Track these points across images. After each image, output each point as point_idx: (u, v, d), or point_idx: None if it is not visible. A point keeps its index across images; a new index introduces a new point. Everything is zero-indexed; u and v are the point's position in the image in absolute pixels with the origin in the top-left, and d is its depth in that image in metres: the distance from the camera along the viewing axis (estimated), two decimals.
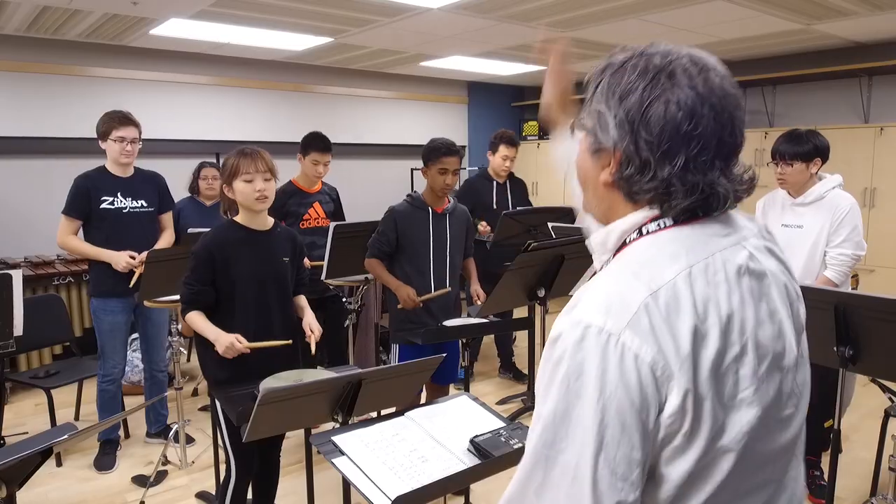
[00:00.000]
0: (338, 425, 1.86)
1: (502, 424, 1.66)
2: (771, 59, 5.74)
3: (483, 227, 4.10)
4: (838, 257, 2.84)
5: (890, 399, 2.96)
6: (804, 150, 2.84)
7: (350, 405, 1.77)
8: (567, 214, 3.98)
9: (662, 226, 0.87)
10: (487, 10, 4.12)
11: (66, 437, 1.34)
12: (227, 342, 2.23)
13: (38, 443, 1.31)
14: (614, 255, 0.92)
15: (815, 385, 1.02)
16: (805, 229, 2.90)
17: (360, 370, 1.74)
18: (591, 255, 1.00)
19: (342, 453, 1.46)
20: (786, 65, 5.63)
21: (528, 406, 4.04)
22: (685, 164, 0.82)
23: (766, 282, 0.88)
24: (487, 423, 1.69)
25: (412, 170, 6.90)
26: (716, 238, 0.87)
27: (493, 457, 1.48)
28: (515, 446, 1.53)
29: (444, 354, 2.03)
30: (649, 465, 0.80)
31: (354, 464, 1.42)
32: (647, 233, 0.88)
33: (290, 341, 2.39)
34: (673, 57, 0.85)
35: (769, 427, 0.85)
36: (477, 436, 1.55)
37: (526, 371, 4.40)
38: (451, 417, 1.70)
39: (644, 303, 0.78)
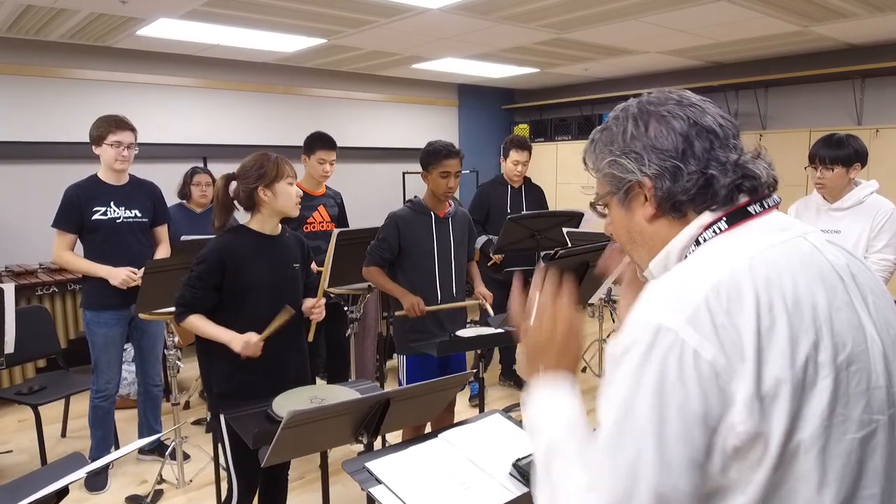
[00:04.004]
0: (361, 446, 1.76)
1: None
2: (764, 62, 5.75)
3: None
4: (880, 262, 2.79)
5: None
6: (844, 154, 2.79)
7: (377, 425, 1.67)
8: (572, 219, 3.91)
9: (719, 230, 0.88)
10: (486, 11, 4.04)
11: (82, 474, 1.22)
12: (244, 338, 2.16)
13: (47, 479, 1.19)
14: None
15: None
16: (843, 234, 2.84)
17: (390, 389, 1.63)
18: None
19: (379, 481, 1.36)
20: (778, 67, 5.63)
21: None
22: (707, 152, 0.89)
23: (834, 271, 0.85)
24: (524, 442, 1.60)
25: (404, 173, 6.81)
26: (775, 232, 0.87)
27: None
28: None
29: (474, 370, 1.95)
30: (725, 472, 0.77)
31: (394, 494, 1.32)
32: (705, 241, 0.89)
33: (293, 312, 2.28)
34: (640, 98, 0.96)
35: (863, 425, 0.79)
36: (520, 459, 1.46)
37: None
38: (487, 438, 1.60)
39: (704, 297, 0.78)
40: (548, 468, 0.88)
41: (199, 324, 2.23)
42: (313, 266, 3.37)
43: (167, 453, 3.26)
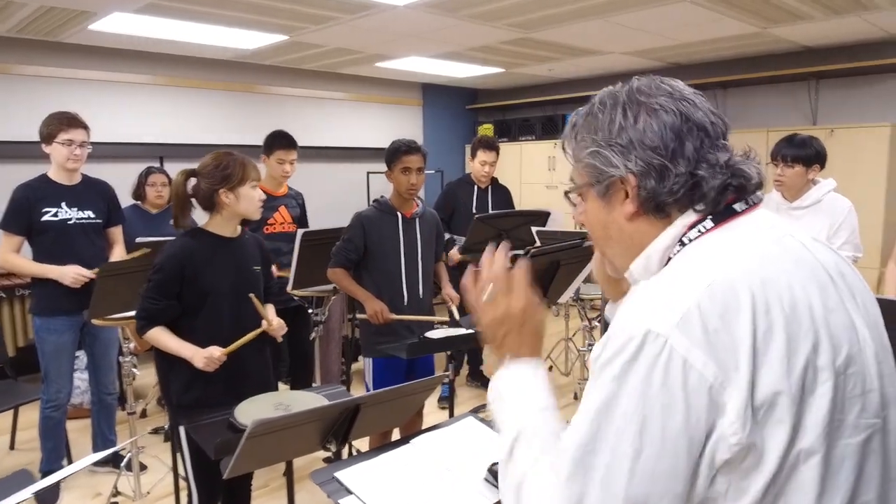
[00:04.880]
0: (327, 453, 1.70)
1: None
2: (722, 63, 5.84)
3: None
4: None
5: None
6: (806, 154, 2.86)
7: (345, 432, 1.61)
8: (538, 218, 3.90)
9: (703, 230, 0.84)
10: (453, 9, 4.00)
11: (27, 495, 1.13)
12: (207, 354, 2.07)
13: None
14: None
15: None
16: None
17: (359, 395, 1.57)
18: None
19: (349, 492, 1.30)
20: (737, 68, 5.73)
21: None
22: (697, 152, 0.83)
23: (825, 270, 0.82)
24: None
25: (368, 173, 6.72)
26: (764, 230, 0.84)
27: None
28: None
29: (446, 374, 1.90)
30: (712, 484, 0.73)
31: None
32: (690, 241, 0.84)
33: (262, 329, 2.22)
34: (629, 84, 0.89)
35: (859, 429, 0.76)
36: (495, 464, 1.41)
37: None
38: (460, 443, 1.56)
39: (696, 301, 0.74)
40: (513, 460, 0.84)
41: (161, 337, 2.14)
42: (275, 269, 3.29)
43: (122, 465, 3.12)
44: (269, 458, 1.58)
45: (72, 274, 2.92)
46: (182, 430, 2.13)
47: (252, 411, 1.92)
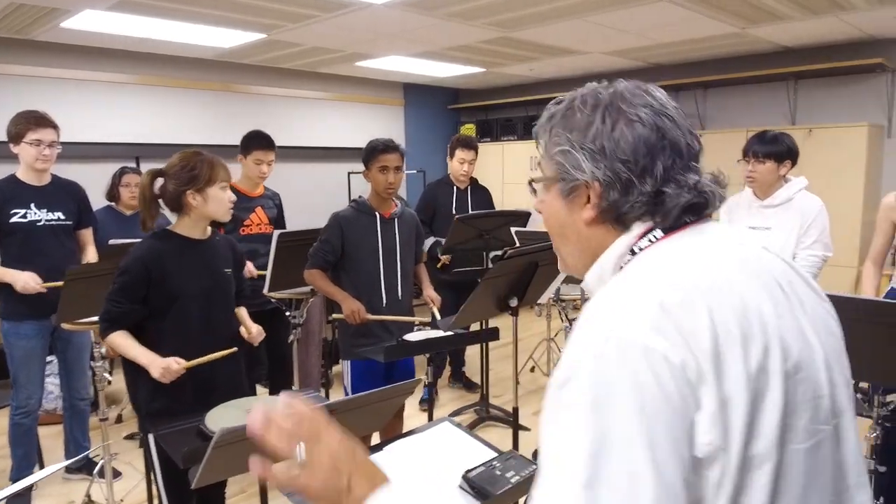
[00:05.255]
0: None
1: (492, 455, 1.50)
2: (703, 63, 5.86)
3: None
4: (810, 258, 2.85)
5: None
6: (777, 150, 2.85)
7: None
8: (519, 218, 3.88)
9: (654, 239, 0.84)
10: (431, 8, 3.97)
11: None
12: (164, 364, 2.00)
13: None
14: None
15: None
16: (773, 231, 2.90)
17: (328, 400, 1.53)
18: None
19: None
20: (717, 68, 5.76)
21: (482, 416, 3.95)
22: (666, 172, 0.83)
23: (773, 278, 0.82)
24: (475, 453, 1.52)
25: (349, 173, 6.67)
26: (713, 239, 0.85)
27: (492, 495, 1.32)
28: (513, 480, 1.37)
29: (421, 379, 1.87)
30: (694, 488, 0.69)
31: None
32: (641, 250, 0.85)
33: (235, 349, 2.18)
34: (614, 87, 0.88)
35: (809, 435, 0.74)
36: (469, 470, 1.38)
37: (477, 380, 4.28)
38: (435, 449, 1.52)
39: (659, 304, 0.72)
40: None
41: (121, 342, 2.08)
42: (252, 270, 3.24)
43: (95, 471, 3.05)
44: (238, 467, 1.54)
45: (21, 282, 2.82)
46: (151, 437, 2.07)
47: (223, 418, 1.87)
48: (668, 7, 3.96)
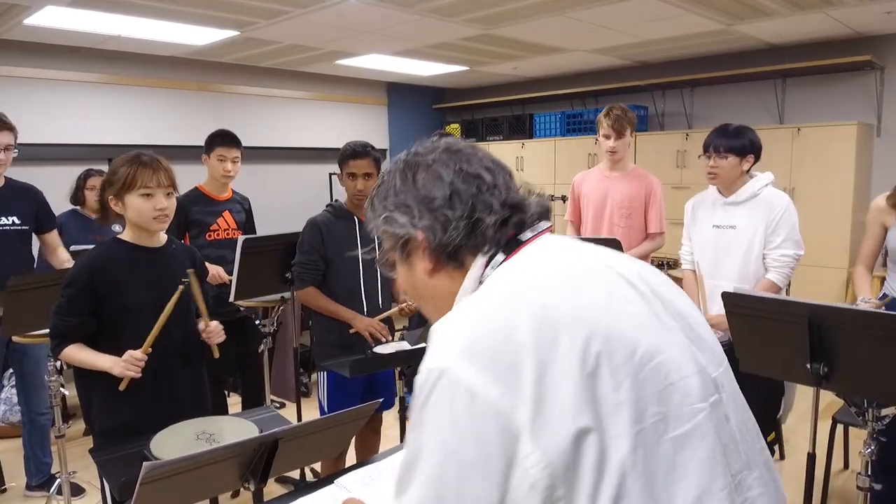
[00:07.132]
0: (250, 491, 1.52)
1: None
2: (690, 62, 5.76)
3: None
4: (781, 259, 2.71)
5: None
6: (739, 144, 2.69)
7: (265, 468, 1.44)
8: None
9: (497, 264, 0.88)
10: (408, 4, 3.84)
11: None
12: (126, 357, 1.90)
13: None
14: None
15: (750, 398, 0.95)
16: (739, 230, 2.75)
17: (277, 428, 1.40)
18: None
19: None
20: (703, 67, 5.66)
21: None
22: (474, 197, 0.89)
23: (622, 277, 0.85)
24: None
25: (331, 174, 6.52)
26: (553, 252, 0.88)
27: None
28: None
29: (381, 400, 1.74)
30: None
31: None
32: (486, 278, 0.89)
33: (183, 287, 2.01)
34: (408, 150, 0.96)
35: (678, 420, 0.75)
36: None
37: None
38: (391, 480, 1.39)
39: (473, 325, 0.76)
40: None
41: (76, 354, 1.96)
42: (222, 275, 3.09)
43: (52, 490, 2.91)
44: (178, 500, 1.40)
45: None
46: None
47: (170, 443, 1.74)
48: (651, 3, 3.85)
